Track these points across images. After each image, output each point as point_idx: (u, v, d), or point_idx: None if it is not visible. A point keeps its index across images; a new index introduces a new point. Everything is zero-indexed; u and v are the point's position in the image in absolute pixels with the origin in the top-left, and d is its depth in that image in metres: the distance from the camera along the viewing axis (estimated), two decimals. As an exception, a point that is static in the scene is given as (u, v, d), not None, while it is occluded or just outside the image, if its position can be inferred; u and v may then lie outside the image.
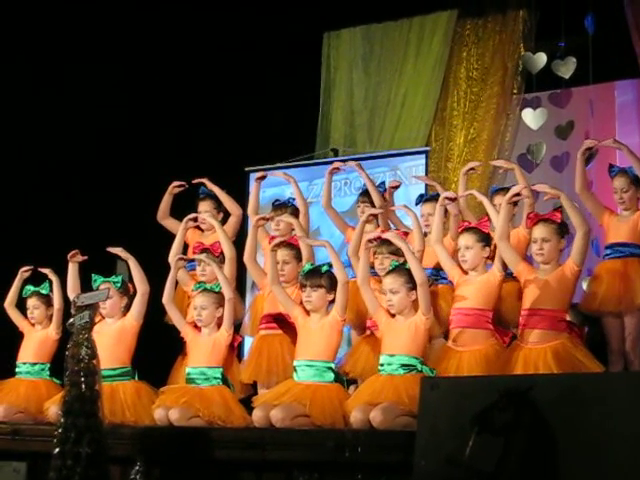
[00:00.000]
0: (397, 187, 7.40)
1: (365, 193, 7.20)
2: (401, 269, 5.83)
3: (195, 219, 7.27)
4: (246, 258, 6.73)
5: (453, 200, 6.33)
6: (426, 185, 8.79)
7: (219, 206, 7.60)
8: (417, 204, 7.12)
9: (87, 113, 9.88)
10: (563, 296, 5.72)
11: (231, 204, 7.49)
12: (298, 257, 6.57)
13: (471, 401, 4.16)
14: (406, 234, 6.45)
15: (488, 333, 5.89)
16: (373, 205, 6.96)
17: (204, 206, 7.59)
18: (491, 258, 6.11)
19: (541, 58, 10.08)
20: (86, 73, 9.87)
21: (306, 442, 5.33)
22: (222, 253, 6.79)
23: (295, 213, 7.08)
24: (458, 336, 5.92)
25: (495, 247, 5.99)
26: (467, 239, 6.04)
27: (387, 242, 6.21)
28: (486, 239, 6.04)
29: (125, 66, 10.09)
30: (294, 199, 7.31)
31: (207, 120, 10.39)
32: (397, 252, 6.13)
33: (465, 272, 6.03)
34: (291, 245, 6.58)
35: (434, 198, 6.79)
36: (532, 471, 4.03)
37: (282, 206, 7.28)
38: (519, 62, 10.25)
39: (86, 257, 6.89)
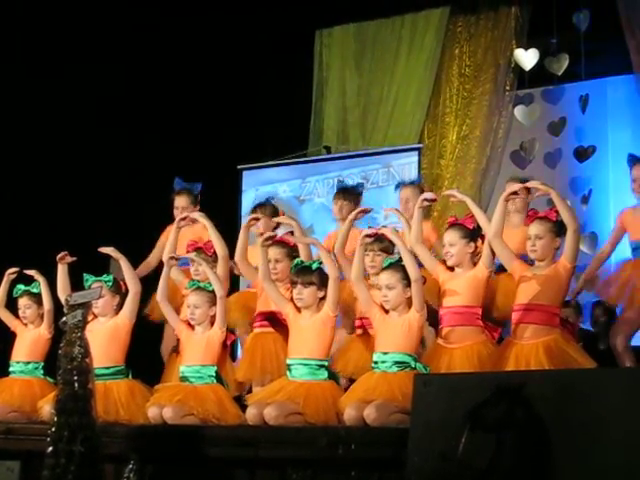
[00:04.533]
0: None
1: (341, 190, 7.21)
2: (397, 265, 5.83)
3: (186, 218, 7.22)
4: (237, 258, 6.72)
5: (433, 201, 6.27)
6: (419, 175, 8.85)
7: (195, 200, 7.61)
8: (396, 189, 7.11)
9: (77, 111, 9.86)
10: (556, 292, 5.73)
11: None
12: (290, 255, 6.56)
13: (464, 398, 4.16)
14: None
15: (478, 329, 5.89)
16: (352, 203, 6.99)
17: (181, 201, 7.61)
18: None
19: (533, 55, 10.10)
20: (78, 72, 9.86)
21: (300, 439, 5.33)
22: (215, 253, 6.79)
23: (274, 213, 7.11)
24: (448, 334, 5.92)
25: (483, 243, 5.98)
26: (451, 235, 6.04)
27: (379, 239, 6.21)
28: (471, 235, 6.02)
29: (116, 65, 10.07)
30: (273, 198, 7.33)
31: (200, 118, 10.38)
32: (388, 249, 6.13)
33: (450, 269, 6.02)
34: (283, 243, 6.58)
35: (412, 183, 6.84)
36: (525, 467, 4.03)
37: (262, 205, 7.28)
38: (511, 59, 10.27)
39: (75, 258, 6.87)
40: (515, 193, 5.95)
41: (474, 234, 6.03)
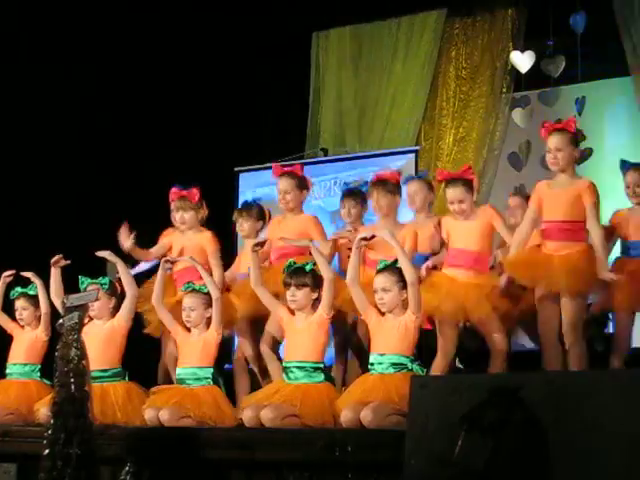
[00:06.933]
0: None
1: (350, 193, 7.16)
2: (393, 268, 5.82)
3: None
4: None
5: (369, 240, 6.05)
6: (416, 167, 8.88)
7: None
8: (404, 184, 7.07)
9: (74, 114, 9.86)
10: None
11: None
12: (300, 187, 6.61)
13: (461, 400, 4.16)
14: None
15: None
16: (359, 204, 6.95)
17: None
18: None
19: (530, 57, 10.11)
20: (76, 74, 9.85)
21: (296, 442, 5.32)
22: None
23: (260, 215, 7.08)
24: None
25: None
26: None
27: None
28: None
29: (113, 66, 10.07)
30: (260, 199, 7.32)
31: (197, 120, 10.38)
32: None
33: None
34: None
35: (419, 177, 6.93)
36: (522, 469, 4.03)
37: (248, 208, 7.25)
38: (508, 61, 10.27)
39: (69, 262, 6.86)
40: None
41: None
